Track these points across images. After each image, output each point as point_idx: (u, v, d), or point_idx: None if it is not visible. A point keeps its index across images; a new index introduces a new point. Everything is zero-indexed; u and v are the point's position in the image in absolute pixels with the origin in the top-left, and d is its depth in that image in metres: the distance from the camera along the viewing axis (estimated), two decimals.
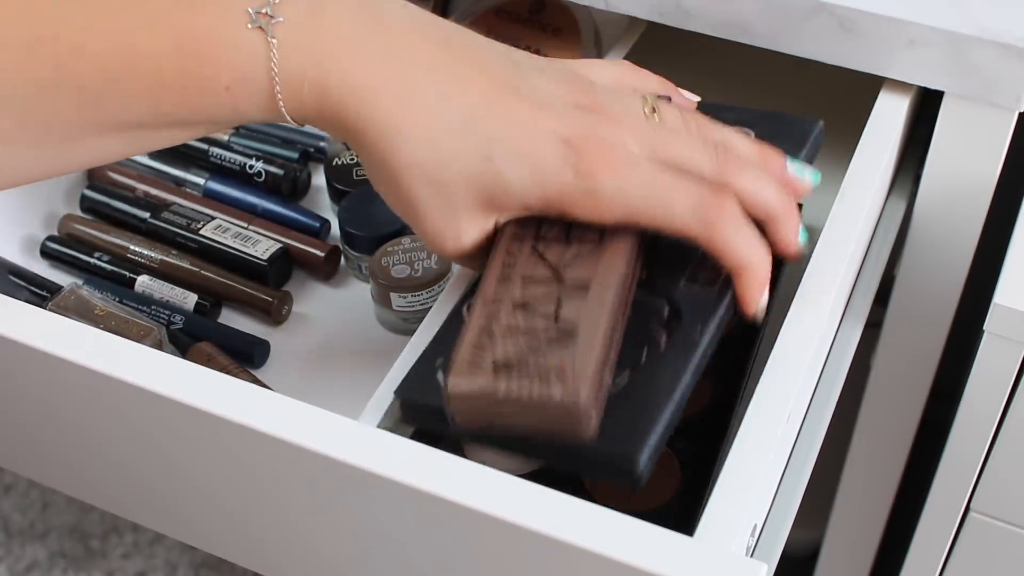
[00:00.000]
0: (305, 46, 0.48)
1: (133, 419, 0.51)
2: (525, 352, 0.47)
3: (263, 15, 0.48)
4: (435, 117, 0.48)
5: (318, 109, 0.49)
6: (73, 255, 0.69)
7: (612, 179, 0.48)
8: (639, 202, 0.49)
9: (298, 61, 0.48)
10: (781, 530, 0.54)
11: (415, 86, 0.48)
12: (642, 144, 0.50)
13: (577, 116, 0.49)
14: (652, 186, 0.49)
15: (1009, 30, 0.58)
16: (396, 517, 0.47)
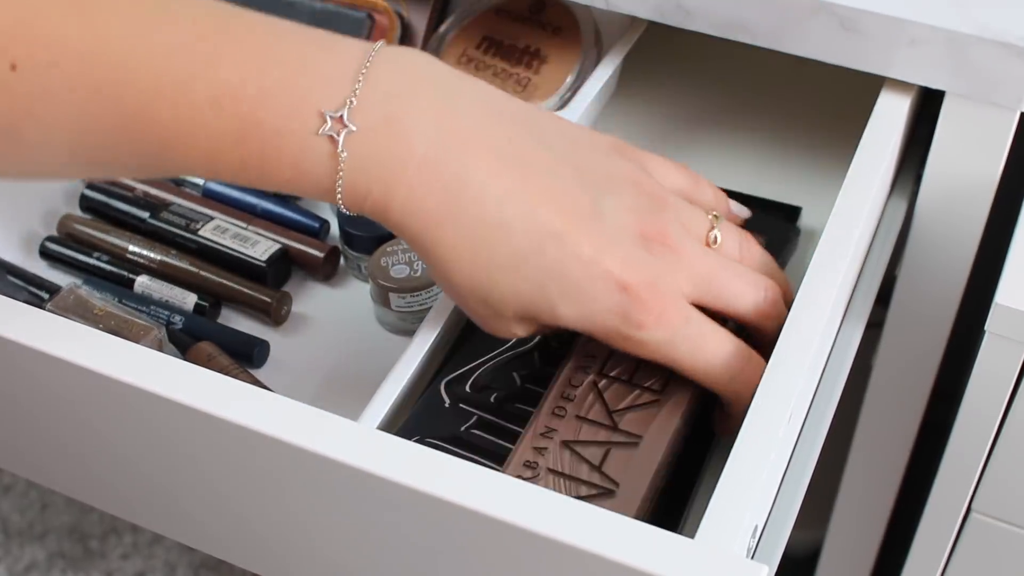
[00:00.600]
0: (375, 164, 0.47)
1: (132, 420, 0.51)
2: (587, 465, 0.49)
3: (337, 120, 0.46)
4: (498, 251, 0.48)
5: (377, 217, 0.49)
6: (72, 255, 0.68)
7: (660, 332, 0.50)
8: (682, 356, 0.51)
9: (365, 177, 0.47)
10: (782, 531, 0.54)
11: (481, 216, 0.48)
12: (698, 282, 0.51)
13: (639, 258, 0.50)
14: (698, 345, 0.51)
15: (1010, 29, 0.58)
16: (396, 518, 0.47)
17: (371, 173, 0.47)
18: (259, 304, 0.66)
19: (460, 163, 0.47)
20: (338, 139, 0.46)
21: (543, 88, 0.72)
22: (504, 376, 0.56)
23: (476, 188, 0.47)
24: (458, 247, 0.48)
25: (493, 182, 0.48)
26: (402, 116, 0.47)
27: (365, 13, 0.74)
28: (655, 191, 0.52)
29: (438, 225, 0.48)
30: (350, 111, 0.46)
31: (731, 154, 0.73)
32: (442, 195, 0.47)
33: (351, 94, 0.46)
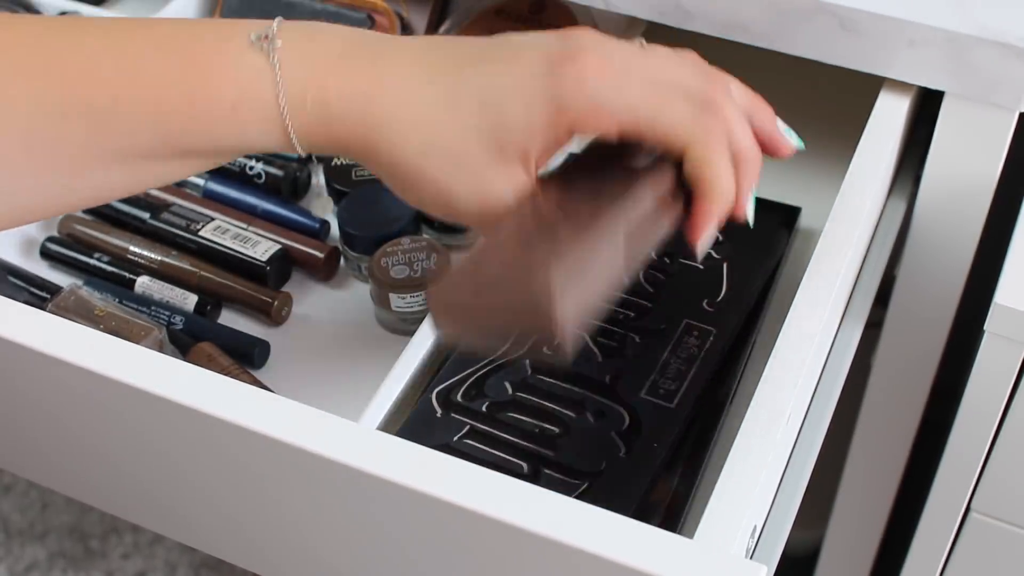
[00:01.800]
0: (305, 64, 0.50)
1: (133, 420, 0.51)
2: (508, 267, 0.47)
3: (264, 39, 0.50)
4: (428, 98, 0.50)
5: (322, 125, 0.50)
6: (73, 256, 0.69)
7: (606, 81, 0.48)
8: (640, 103, 0.49)
9: (300, 77, 0.50)
10: (781, 531, 0.54)
11: (404, 81, 0.50)
12: (629, 56, 0.50)
13: (558, 41, 0.50)
14: (652, 87, 0.49)
15: (1009, 30, 0.58)
16: (395, 519, 0.47)
17: (303, 72, 0.50)
18: (259, 304, 0.66)
19: (373, 51, 0.51)
20: (268, 51, 0.50)
21: None
22: (496, 385, 0.56)
23: (391, 61, 0.51)
24: (398, 112, 0.50)
25: (406, 55, 0.51)
26: (316, 32, 0.51)
27: (365, 14, 0.75)
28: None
29: (371, 104, 0.50)
30: (274, 32, 0.50)
31: None
32: (366, 74, 0.50)
33: (272, 25, 0.51)
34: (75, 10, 0.76)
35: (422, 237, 0.65)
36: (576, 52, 0.49)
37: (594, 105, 0.49)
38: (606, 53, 0.49)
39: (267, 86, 0.50)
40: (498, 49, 0.51)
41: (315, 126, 0.50)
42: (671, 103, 0.49)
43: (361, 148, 0.50)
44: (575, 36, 0.50)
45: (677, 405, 0.54)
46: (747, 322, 0.59)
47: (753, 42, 0.64)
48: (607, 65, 0.49)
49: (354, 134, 0.50)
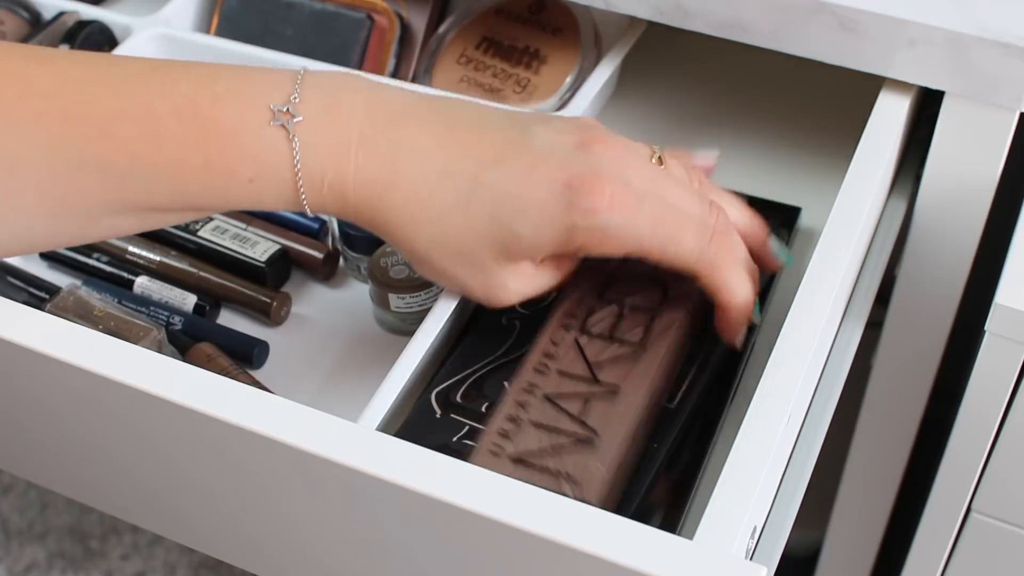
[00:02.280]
0: (324, 146, 0.51)
1: (132, 421, 0.51)
2: (546, 449, 0.50)
3: (285, 113, 0.50)
4: (442, 194, 0.51)
5: (338, 204, 0.52)
6: (72, 256, 0.68)
7: (616, 215, 0.50)
8: (648, 235, 0.51)
9: (318, 160, 0.51)
10: (781, 532, 0.54)
11: (421, 171, 0.51)
12: (644, 182, 0.52)
13: (578, 157, 0.51)
14: (660, 220, 0.51)
15: (1010, 29, 0.58)
16: (395, 519, 0.47)
17: (323, 155, 0.51)
18: (259, 305, 0.66)
19: (392, 132, 0.52)
20: (288, 127, 0.50)
21: (543, 88, 0.72)
22: (495, 386, 0.56)
23: (408, 147, 0.51)
24: (408, 206, 0.51)
25: (423, 140, 0.52)
26: (338, 104, 0.51)
27: (364, 13, 0.74)
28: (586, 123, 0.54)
29: (386, 191, 0.51)
30: (294, 104, 0.51)
31: (731, 154, 0.73)
32: (383, 161, 0.51)
33: (294, 91, 0.51)
34: (74, 9, 0.76)
35: None
36: (593, 180, 0.50)
37: (604, 236, 0.51)
38: (623, 180, 0.51)
39: (285, 165, 0.51)
40: (517, 151, 0.52)
41: (330, 204, 0.52)
42: (678, 236, 0.51)
43: (375, 227, 0.53)
44: (596, 152, 0.51)
45: (677, 405, 0.54)
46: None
47: (753, 42, 0.64)
48: (622, 196, 0.50)
49: (368, 216, 0.52)
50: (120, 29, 0.75)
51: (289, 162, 0.50)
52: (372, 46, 0.74)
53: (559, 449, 0.50)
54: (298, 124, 0.50)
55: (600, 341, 0.54)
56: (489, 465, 0.48)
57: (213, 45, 0.72)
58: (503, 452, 0.50)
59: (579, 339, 0.54)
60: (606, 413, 0.51)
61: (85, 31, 0.73)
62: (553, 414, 0.51)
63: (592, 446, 0.50)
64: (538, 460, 0.50)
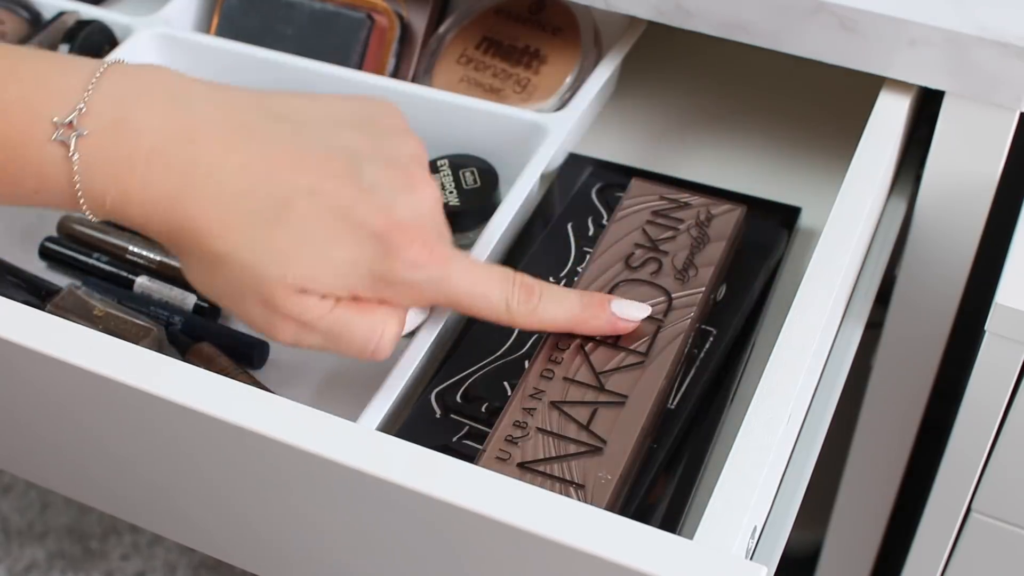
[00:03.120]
0: (106, 164, 0.48)
1: (131, 421, 0.51)
2: (552, 456, 0.50)
3: (68, 127, 0.48)
4: (244, 217, 0.48)
5: (122, 219, 0.50)
6: (72, 256, 0.68)
7: (435, 269, 0.50)
8: (463, 293, 0.51)
9: (100, 179, 0.49)
10: (781, 532, 0.54)
11: (219, 189, 0.48)
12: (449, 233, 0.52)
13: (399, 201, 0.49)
14: (472, 282, 0.51)
15: (1010, 29, 0.58)
16: (395, 519, 0.47)
17: (105, 173, 0.48)
18: None
19: (191, 148, 0.48)
20: (69, 143, 0.48)
21: (543, 88, 0.72)
22: (495, 386, 0.56)
23: (208, 165, 0.48)
24: (204, 214, 0.48)
25: (228, 157, 0.48)
26: (129, 117, 0.49)
27: (364, 13, 0.74)
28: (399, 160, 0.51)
29: (178, 206, 0.48)
30: (79, 116, 0.48)
31: (731, 154, 0.73)
32: (177, 179, 0.48)
33: (80, 101, 0.48)
34: (75, 9, 0.76)
35: None
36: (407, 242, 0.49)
37: (411, 288, 0.50)
38: (438, 232, 0.51)
39: (66, 181, 0.49)
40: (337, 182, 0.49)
41: (116, 217, 0.50)
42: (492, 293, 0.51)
43: (167, 244, 0.50)
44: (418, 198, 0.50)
45: (677, 406, 0.54)
46: (747, 322, 0.59)
47: (753, 42, 0.64)
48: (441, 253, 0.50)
49: (158, 232, 0.50)
50: (120, 29, 0.75)
51: (68, 180, 0.49)
52: (372, 46, 0.74)
53: (566, 456, 0.50)
54: (81, 140, 0.48)
55: (605, 348, 0.54)
56: (496, 471, 0.48)
57: (213, 45, 0.72)
58: (510, 459, 0.50)
59: (584, 345, 0.54)
60: (614, 422, 0.51)
61: (85, 31, 0.73)
62: (560, 421, 0.52)
63: (600, 454, 0.50)
64: (545, 467, 0.50)
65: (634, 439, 0.51)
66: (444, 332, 0.57)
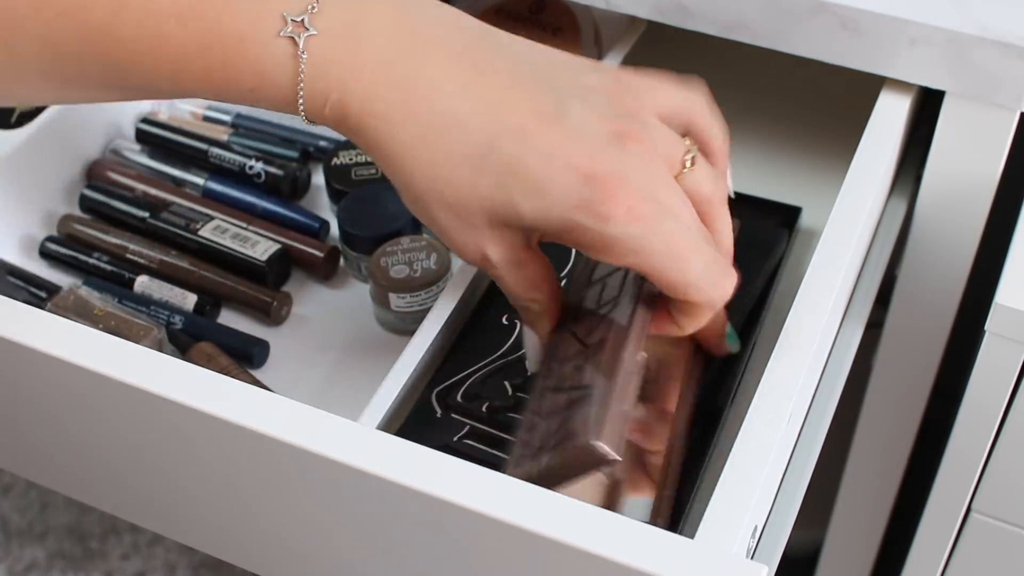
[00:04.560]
0: (334, 66, 0.47)
1: (132, 420, 0.51)
2: (556, 427, 0.48)
3: (298, 24, 0.47)
4: (454, 146, 0.47)
5: (337, 123, 0.49)
6: (72, 255, 0.69)
7: (632, 227, 0.46)
8: (656, 256, 0.47)
9: (325, 81, 0.47)
10: (782, 531, 0.54)
11: (438, 115, 0.47)
12: (668, 196, 0.48)
13: (606, 150, 0.47)
14: (674, 245, 0.47)
15: (1010, 29, 0.58)
16: (396, 518, 0.47)
17: (331, 76, 0.47)
18: (259, 304, 0.66)
19: (414, 63, 0.48)
20: (299, 41, 0.47)
21: None
22: (495, 385, 0.56)
23: (427, 86, 0.48)
24: (413, 146, 0.48)
25: (446, 80, 0.48)
26: (360, 21, 0.48)
27: None
28: (630, 104, 0.49)
29: (392, 124, 0.48)
30: (311, 15, 0.47)
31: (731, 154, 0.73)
32: (395, 94, 0.47)
33: (313, 2, 0.47)
34: None
35: (422, 237, 0.65)
36: (616, 184, 0.46)
37: (610, 244, 0.47)
38: (648, 191, 0.47)
39: (289, 81, 0.48)
40: (546, 124, 0.48)
41: (330, 121, 0.49)
42: (693, 265, 0.47)
43: (373, 155, 0.49)
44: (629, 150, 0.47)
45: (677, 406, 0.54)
46: (747, 322, 0.59)
47: (754, 42, 0.64)
48: (641, 208, 0.46)
49: (368, 143, 0.49)
50: None
51: (293, 79, 0.47)
52: None
53: (566, 420, 0.48)
54: (310, 39, 0.47)
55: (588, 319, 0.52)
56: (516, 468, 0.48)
57: None
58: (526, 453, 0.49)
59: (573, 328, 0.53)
60: (595, 366, 0.49)
61: None
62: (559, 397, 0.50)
63: (590, 400, 0.48)
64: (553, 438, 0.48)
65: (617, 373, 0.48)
66: (444, 332, 0.57)
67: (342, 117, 0.48)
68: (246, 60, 0.47)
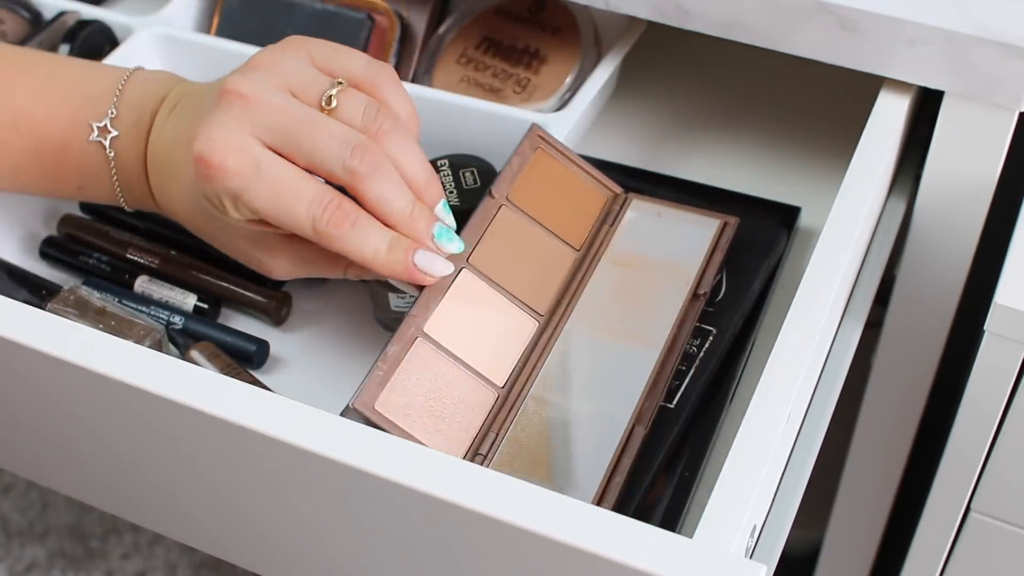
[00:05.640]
0: (133, 159, 0.58)
1: (132, 420, 0.51)
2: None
3: (104, 130, 0.57)
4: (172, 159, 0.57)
5: (152, 206, 0.59)
6: (72, 255, 0.69)
7: (231, 181, 0.52)
8: (264, 203, 0.52)
9: (131, 171, 0.58)
10: (781, 531, 0.54)
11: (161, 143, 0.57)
12: (270, 131, 0.52)
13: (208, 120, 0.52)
14: (277, 189, 0.52)
15: (1009, 29, 0.58)
16: (396, 518, 0.47)
17: (134, 166, 0.58)
18: (259, 304, 0.66)
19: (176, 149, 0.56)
20: (105, 143, 0.58)
21: (543, 88, 0.72)
22: None
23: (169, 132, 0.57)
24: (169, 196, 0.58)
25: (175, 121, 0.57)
26: (144, 117, 0.58)
27: (365, 14, 0.75)
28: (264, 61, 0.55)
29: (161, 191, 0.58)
30: (112, 120, 0.58)
31: (731, 154, 0.73)
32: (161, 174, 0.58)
33: (111, 106, 0.58)
34: (75, 9, 0.76)
35: None
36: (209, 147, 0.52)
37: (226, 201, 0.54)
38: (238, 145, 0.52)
39: (105, 176, 0.58)
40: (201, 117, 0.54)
41: (147, 206, 0.59)
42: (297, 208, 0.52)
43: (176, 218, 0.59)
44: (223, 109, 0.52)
45: (677, 405, 0.54)
46: (747, 322, 0.59)
47: (753, 42, 0.64)
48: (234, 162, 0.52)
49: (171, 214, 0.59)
50: (121, 29, 0.75)
51: (109, 175, 0.58)
52: (372, 46, 0.75)
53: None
54: (115, 140, 0.57)
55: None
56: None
57: (213, 45, 0.73)
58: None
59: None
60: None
61: (85, 31, 0.73)
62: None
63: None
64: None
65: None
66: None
67: (147, 204, 0.59)
68: (71, 162, 0.58)
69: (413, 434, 0.51)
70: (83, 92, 0.58)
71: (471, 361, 0.54)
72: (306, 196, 0.52)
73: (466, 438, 0.52)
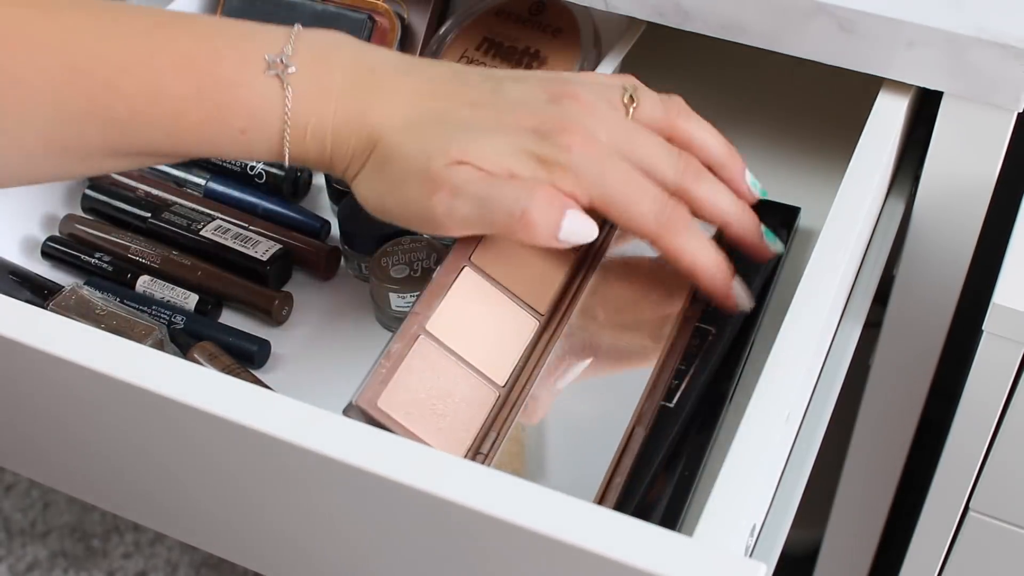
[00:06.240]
0: (311, 93, 0.53)
1: (133, 419, 0.51)
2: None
3: (279, 64, 0.53)
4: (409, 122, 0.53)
5: (318, 151, 0.54)
6: (74, 255, 0.69)
7: (587, 160, 0.52)
8: (613, 191, 0.52)
9: (305, 107, 0.54)
10: (780, 530, 0.54)
11: (395, 99, 0.54)
12: (612, 136, 0.53)
13: (548, 108, 0.53)
14: (626, 181, 0.53)
15: (1008, 30, 0.58)
16: (396, 518, 0.47)
17: (309, 102, 0.54)
18: (260, 304, 0.66)
19: (372, 77, 0.54)
20: (282, 77, 0.53)
21: None
22: None
23: (388, 88, 0.54)
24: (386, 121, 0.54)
25: (402, 82, 0.54)
26: (326, 56, 0.55)
27: (366, 15, 0.75)
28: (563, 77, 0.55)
29: (365, 119, 0.54)
30: (288, 56, 0.54)
31: None
32: (364, 99, 0.54)
33: (288, 43, 0.54)
34: None
35: (422, 237, 0.66)
36: (563, 125, 0.52)
37: (573, 176, 0.52)
38: (590, 133, 0.52)
39: (276, 115, 0.53)
40: (490, 100, 0.54)
41: (312, 152, 0.54)
42: (643, 201, 0.53)
43: (345, 176, 0.55)
44: (565, 105, 0.53)
45: (676, 404, 0.55)
46: (746, 321, 0.59)
47: (752, 42, 0.64)
48: (590, 145, 0.52)
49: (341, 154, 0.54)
50: None
51: (280, 112, 0.53)
52: None
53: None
54: (291, 75, 0.53)
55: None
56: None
57: None
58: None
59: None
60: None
61: None
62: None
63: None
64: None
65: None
66: None
67: (321, 141, 0.54)
68: (238, 100, 0.53)
69: (415, 432, 0.51)
70: (253, 35, 0.55)
71: (473, 360, 0.54)
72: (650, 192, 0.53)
73: (467, 437, 0.52)
